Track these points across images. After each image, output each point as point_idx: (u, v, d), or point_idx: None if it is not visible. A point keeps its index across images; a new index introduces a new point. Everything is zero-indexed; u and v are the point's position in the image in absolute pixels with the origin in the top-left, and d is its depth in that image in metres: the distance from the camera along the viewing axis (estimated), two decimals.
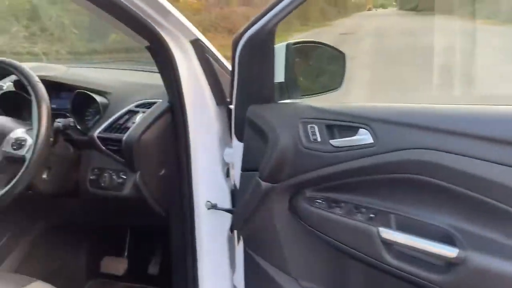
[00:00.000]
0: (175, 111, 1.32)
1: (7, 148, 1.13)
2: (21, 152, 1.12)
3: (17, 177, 1.07)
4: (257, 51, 1.09)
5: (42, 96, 1.11)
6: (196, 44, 1.28)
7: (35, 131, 1.09)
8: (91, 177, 1.32)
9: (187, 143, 1.33)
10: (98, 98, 1.35)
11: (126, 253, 1.73)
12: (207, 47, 1.30)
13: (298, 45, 1.20)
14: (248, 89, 1.14)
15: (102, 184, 1.30)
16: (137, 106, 1.34)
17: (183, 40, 1.26)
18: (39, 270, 1.63)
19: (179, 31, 1.24)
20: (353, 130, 0.95)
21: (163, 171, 1.36)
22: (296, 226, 1.10)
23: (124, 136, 1.26)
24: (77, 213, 1.52)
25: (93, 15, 1.11)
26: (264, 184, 1.05)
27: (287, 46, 1.16)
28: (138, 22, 1.12)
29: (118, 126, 1.30)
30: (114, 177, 1.30)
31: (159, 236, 1.79)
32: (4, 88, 1.44)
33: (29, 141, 1.13)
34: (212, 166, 1.36)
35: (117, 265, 1.70)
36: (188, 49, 1.28)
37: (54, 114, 1.22)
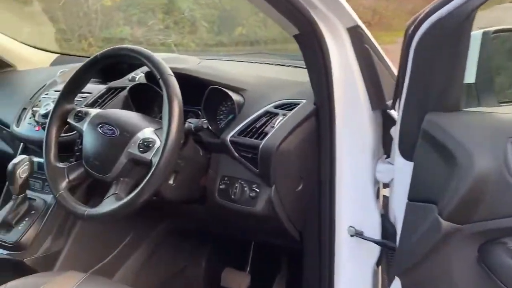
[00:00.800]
0: (321, 115, 1.09)
1: (134, 149, 1.00)
2: (148, 155, 0.98)
3: (142, 184, 0.93)
4: (444, 42, 0.80)
5: (174, 91, 0.96)
6: (355, 32, 1.03)
7: (164, 132, 0.94)
8: (220, 186, 1.16)
9: (332, 154, 1.09)
10: (234, 96, 1.17)
11: (248, 268, 1.57)
12: (367, 36, 1.04)
13: (499, 33, 0.88)
14: (425, 92, 0.85)
15: (232, 196, 1.13)
16: (276, 107, 1.14)
17: (339, 27, 1.02)
18: (159, 274, 1.54)
19: (337, 16, 1.00)
20: None
21: (300, 186, 1.14)
22: (485, 284, 0.80)
23: (262, 143, 1.06)
24: (201, 220, 1.38)
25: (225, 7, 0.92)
26: (445, 224, 0.77)
27: (484, 34, 0.86)
28: (290, 4, 0.91)
29: (254, 130, 1.10)
30: (246, 189, 1.11)
31: (285, 252, 1.59)
32: (136, 79, 1.35)
33: (157, 143, 0.99)
34: (359, 184, 1.11)
35: (239, 280, 1.54)
36: (344, 38, 1.03)
37: (185, 112, 1.08)
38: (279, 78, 1.29)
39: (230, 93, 1.17)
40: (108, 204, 0.97)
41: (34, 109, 1.39)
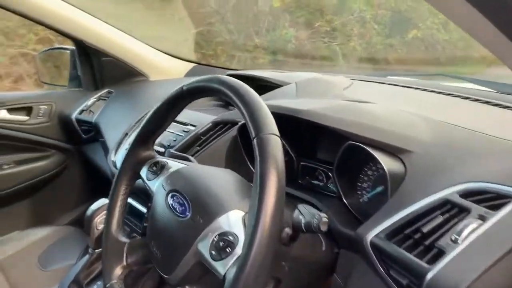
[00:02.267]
0: None
1: (205, 248, 0.61)
2: (221, 266, 0.57)
3: None
4: None
5: (272, 164, 0.53)
6: None
7: (248, 235, 0.53)
8: None
9: None
10: (386, 162, 0.69)
11: None
12: None
13: None
14: None
15: None
16: (466, 195, 0.62)
17: None
18: None
19: None
20: None
21: None
22: None
23: (432, 272, 0.56)
24: None
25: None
26: None
27: None
28: None
29: (420, 237, 0.61)
30: None
31: None
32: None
33: (240, 244, 0.58)
34: None
35: None
36: None
37: (308, 169, 0.64)
38: (484, 134, 0.75)
39: (380, 156, 0.69)
40: None
41: None
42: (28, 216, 1.67)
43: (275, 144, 0.56)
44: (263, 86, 1.16)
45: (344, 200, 0.79)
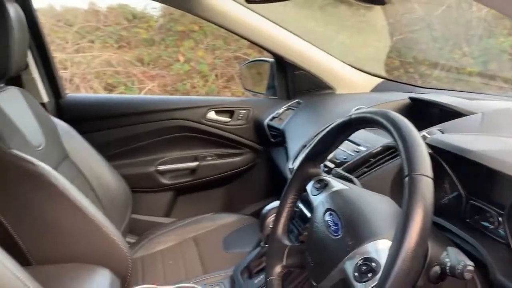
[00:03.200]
0: None
1: (349, 268, 0.66)
2: (360, 287, 0.63)
3: None
4: None
5: (420, 204, 0.56)
6: None
7: (386, 264, 0.57)
8: None
9: None
10: None
11: None
12: None
13: None
14: None
15: None
16: None
17: None
18: None
19: None
20: None
21: None
22: None
23: None
24: None
25: None
26: None
27: None
28: None
29: None
30: None
31: None
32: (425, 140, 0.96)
33: (382, 269, 0.62)
34: None
35: None
36: None
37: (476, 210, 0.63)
38: None
39: None
40: None
41: None
42: (221, 202, 1.97)
43: (426, 186, 0.58)
44: (449, 112, 1.13)
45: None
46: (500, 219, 0.79)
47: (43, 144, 1.31)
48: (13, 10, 1.20)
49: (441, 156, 0.86)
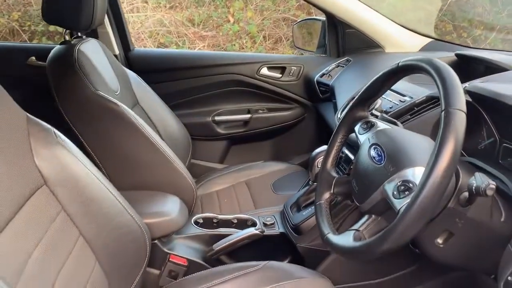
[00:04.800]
0: None
1: (390, 189, 0.79)
2: (399, 203, 0.76)
3: (382, 232, 0.74)
4: None
5: (453, 133, 0.67)
6: None
7: (422, 179, 0.69)
8: (509, 278, 0.77)
9: None
10: None
11: None
12: None
13: None
14: None
15: None
16: None
17: None
18: None
19: None
20: None
21: None
22: None
23: None
24: None
25: None
26: None
27: None
28: None
29: None
30: None
31: None
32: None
33: (415, 187, 0.75)
34: None
35: None
36: None
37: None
38: None
39: None
40: (346, 239, 0.84)
41: None
42: (271, 152, 2.13)
43: (460, 119, 0.69)
44: (494, 68, 1.20)
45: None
46: None
47: (119, 90, 1.49)
48: None
49: (479, 103, 0.96)
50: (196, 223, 1.36)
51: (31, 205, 0.81)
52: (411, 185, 0.77)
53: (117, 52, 1.90)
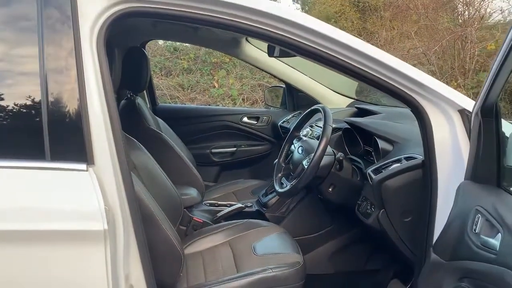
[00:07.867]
0: (425, 170, 1.42)
1: (304, 161, 1.76)
2: (305, 163, 1.72)
3: (297, 179, 1.69)
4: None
5: (325, 134, 1.65)
6: (463, 114, 1.32)
7: (313, 153, 1.66)
8: (358, 202, 1.72)
9: (433, 202, 1.39)
10: (381, 144, 1.70)
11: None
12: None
13: None
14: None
15: (360, 209, 1.68)
16: (406, 158, 1.57)
17: (448, 108, 1.33)
18: (345, 264, 2.13)
19: (441, 100, 1.32)
20: None
21: (409, 218, 1.53)
22: None
23: (375, 176, 1.57)
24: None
25: None
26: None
27: None
28: (394, 92, 1.33)
29: (380, 170, 1.60)
30: (368, 206, 1.64)
31: None
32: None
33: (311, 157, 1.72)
34: None
35: None
36: (454, 118, 1.33)
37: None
38: None
39: (380, 143, 1.70)
40: (284, 187, 1.79)
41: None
42: (249, 174, 3.06)
43: (329, 128, 1.67)
44: (372, 113, 2.21)
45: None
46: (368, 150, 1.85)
47: (155, 128, 2.44)
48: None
49: (354, 128, 1.95)
50: (206, 204, 2.26)
51: None
52: (311, 156, 1.72)
53: (148, 106, 2.86)
